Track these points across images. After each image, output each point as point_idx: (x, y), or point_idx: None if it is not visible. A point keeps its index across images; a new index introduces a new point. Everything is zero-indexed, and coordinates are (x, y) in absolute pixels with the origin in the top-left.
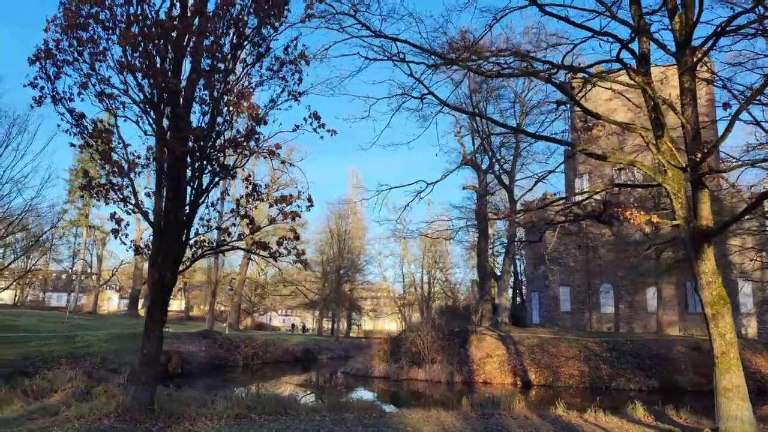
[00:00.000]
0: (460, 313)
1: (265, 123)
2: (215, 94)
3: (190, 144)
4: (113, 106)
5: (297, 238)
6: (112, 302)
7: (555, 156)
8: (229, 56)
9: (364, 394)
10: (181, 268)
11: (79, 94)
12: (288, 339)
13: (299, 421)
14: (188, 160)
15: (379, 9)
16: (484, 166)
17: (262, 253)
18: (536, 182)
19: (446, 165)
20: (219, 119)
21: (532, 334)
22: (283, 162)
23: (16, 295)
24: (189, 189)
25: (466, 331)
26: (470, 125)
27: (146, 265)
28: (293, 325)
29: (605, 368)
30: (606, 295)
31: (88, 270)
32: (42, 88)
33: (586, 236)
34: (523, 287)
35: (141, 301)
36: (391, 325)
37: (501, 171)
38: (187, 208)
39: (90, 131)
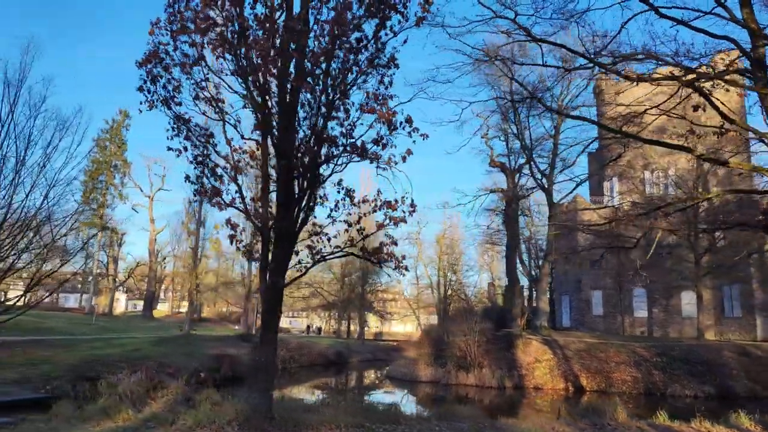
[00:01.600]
0: (477, 315)
1: (395, 128)
2: (328, 98)
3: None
4: (220, 110)
5: (395, 243)
6: (120, 303)
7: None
8: (346, 60)
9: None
10: (297, 274)
11: (172, 98)
12: (317, 342)
13: (417, 431)
14: (300, 167)
15: (535, 11)
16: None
17: (373, 259)
18: (577, 185)
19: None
20: (331, 124)
21: (577, 339)
22: (379, 167)
23: (24, 297)
24: (297, 195)
25: (511, 336)
26: (501, 127)
27: (159, 268)
28: (308, 327)
29: (657, 374)
30: (639, 298)
31: (103, 271)
32: (149, 91)
33: (618, 239)
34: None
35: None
36: (398, 327)
37: (541, 175)
38: (298, 214)
39: (196, 136)
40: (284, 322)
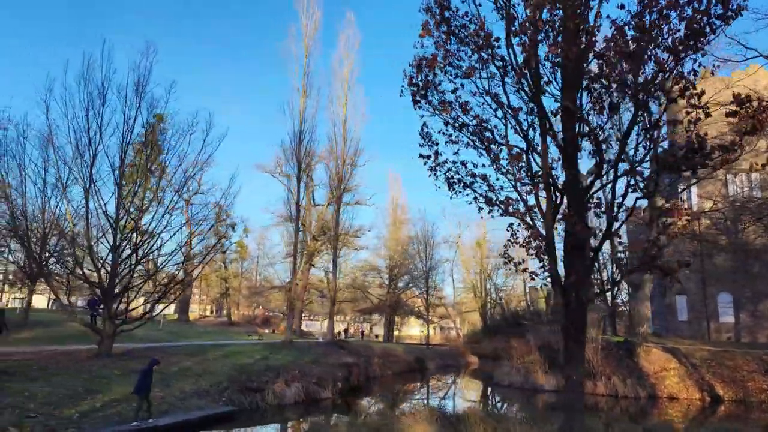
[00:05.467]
0: (518, 318)
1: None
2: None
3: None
4: (506, 114)
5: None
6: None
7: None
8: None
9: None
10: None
11: (449, 103)
12: (393, 348)
13: None
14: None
15: None
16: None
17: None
18: (683, 189)
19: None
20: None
21: (690, 345)
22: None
23: (49, 300)
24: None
25: (629, 343)
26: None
27: (196, 271)
28: (345, 331)
29: None
30: (723, 304)
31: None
32: (422, 96)
33: (704, 243)
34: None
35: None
36: (412, 330)
37: (644, 180)
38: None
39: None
40: (301, 325)
